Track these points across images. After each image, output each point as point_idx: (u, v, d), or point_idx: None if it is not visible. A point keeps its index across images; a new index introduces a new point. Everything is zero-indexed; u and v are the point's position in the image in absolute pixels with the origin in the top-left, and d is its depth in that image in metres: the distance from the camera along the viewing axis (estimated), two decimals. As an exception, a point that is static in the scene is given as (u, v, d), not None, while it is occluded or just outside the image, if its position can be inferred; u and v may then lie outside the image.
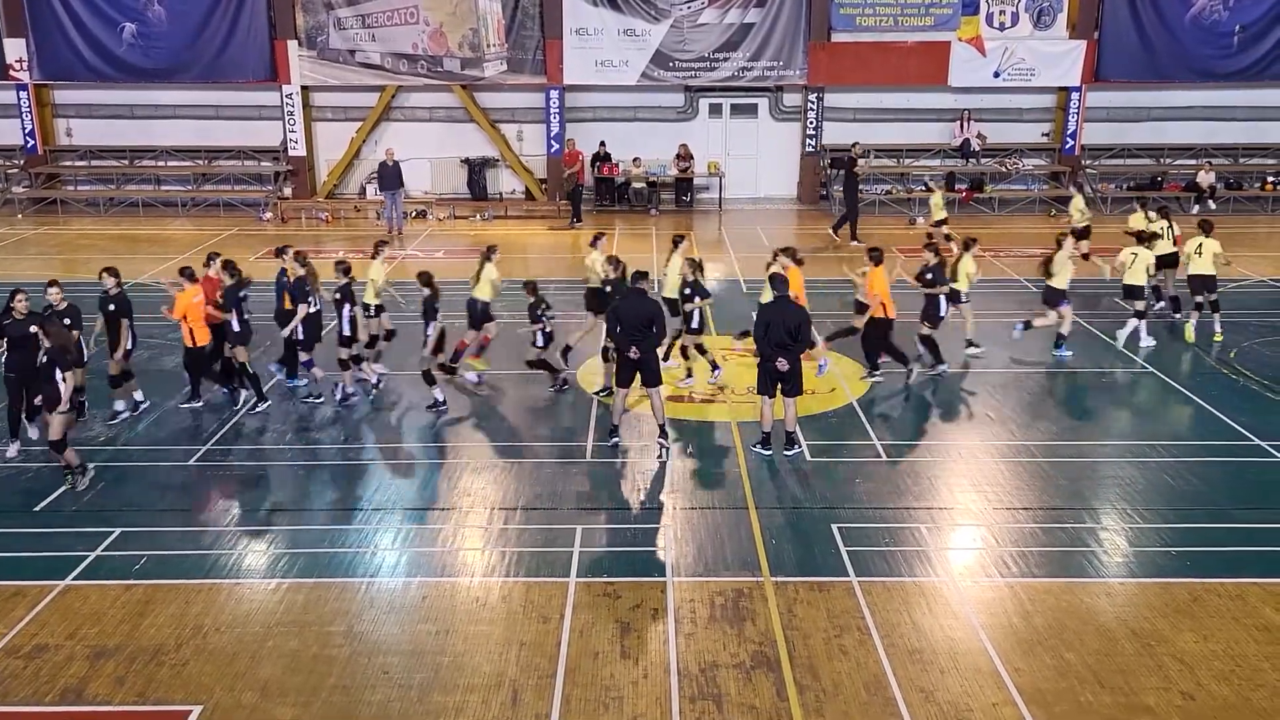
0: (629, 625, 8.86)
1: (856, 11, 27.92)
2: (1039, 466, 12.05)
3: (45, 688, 8.09)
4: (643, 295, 12.34)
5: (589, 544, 10.27)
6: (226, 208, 28.73)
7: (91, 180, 29.63)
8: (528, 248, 24.69)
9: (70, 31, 27.93)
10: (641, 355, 12.04)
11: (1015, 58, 27.95)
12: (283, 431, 13.24)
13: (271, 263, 22.86)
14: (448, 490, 11.59)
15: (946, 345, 15.19)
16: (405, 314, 16.17)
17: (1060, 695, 7.97)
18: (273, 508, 11.21)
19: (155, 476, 11.91)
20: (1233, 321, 17.51)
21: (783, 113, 29.41)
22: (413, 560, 10.07)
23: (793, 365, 11.84)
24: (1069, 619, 8.96)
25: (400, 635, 8.80)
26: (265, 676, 8.21)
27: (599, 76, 28.19)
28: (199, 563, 9.94)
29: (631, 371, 12.20)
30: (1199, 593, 9.36)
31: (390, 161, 25.78)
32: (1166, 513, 10.90)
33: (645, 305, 12.20)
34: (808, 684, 8.08)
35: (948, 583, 9.56)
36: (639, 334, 11.96)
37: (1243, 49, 28.01)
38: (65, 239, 25.07)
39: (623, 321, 12.01)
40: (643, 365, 12.14)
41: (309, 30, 27.93)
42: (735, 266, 22.17)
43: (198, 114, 29.05)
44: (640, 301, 12.21)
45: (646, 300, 12.34)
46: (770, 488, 11.48)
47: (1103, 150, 29.37)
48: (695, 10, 27.80)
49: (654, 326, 12.06)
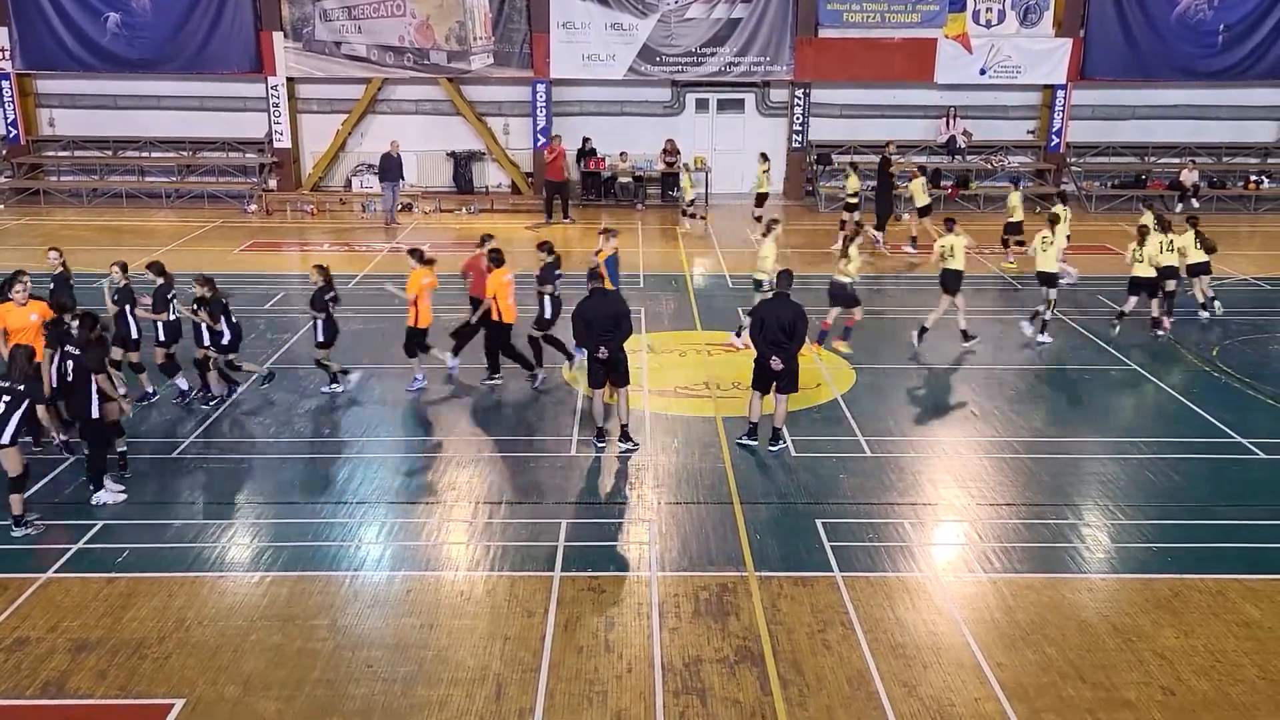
0: (613, 620, 8.87)
1: (844, 7, 27.92)
2: (1022, 462, 12.11)
3: (26, 681, 8.05)
4: (606, 294, 12.21)
5: (574, 538, 10.28)
6: (211, 199, 28.54)
7: (75, 171, 29.37)
8: (512, 241, 24.61)
9: (53, 21, 27.67)
10: (610, 355, 11.96)
11: (1001, 55, 28.02)
12: (267, 425, 13.20)
13: (256, 256, 22.79)
14: (432, 484, 11.57)
15: (940, 341, 15.24)
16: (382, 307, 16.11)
17: (1042, 690, 8.02)
18: (256, 501, 11.17)
19: (138, 469, 11.83)
20: (1214, 319, 17.63)
21: (769, 108, 29.42)
22: (397, 554, 10.05)
23: (787, 363, 11.86)
24: (1051, 614, 9.02)
25: (384, 629, 8.79)
26: (248, 670, 8.18)
27: (586, 71, 28.11)
28: (182, 556, 9.90)
29: (603, 372, 12.14)
30: (1180, 588, 9.43)
31: (395, 154, 25.84)
32: (1148, 509, 10.97)
33: (611, 304, 12.09)
34: (791, 679, 8.11)
35: (931, 578, 9.61)
36: (607, 334, 11.90)
37: (1227, 48, 28.13)
38: (48, 230, 24.87)
39: (589, 322, 11.93)
40: (612, 365, 12.07)
41: (294, 22, 27.77)
42: (721, 261, 22.18)
43: (182, 105, 28.81)
44: (605, 300, 12.09)
45: (611, 299, 12.23)
46: (755, 483, 11.50)
47: (1088, 148, 29.49)
48: (682, 5, 27.76)
49: (620, 325, 11.98)
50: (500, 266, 13.95)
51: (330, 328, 13.91)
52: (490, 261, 14.06)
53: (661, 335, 16.35)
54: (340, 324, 14.30)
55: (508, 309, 13.96)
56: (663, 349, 15.85)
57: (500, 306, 13.90)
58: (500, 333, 14.13)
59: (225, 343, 13.55)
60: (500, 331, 14.13)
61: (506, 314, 13.98)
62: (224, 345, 13.57)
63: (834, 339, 15.72)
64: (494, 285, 13.90)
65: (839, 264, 15.67)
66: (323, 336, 13.89)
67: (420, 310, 13.95)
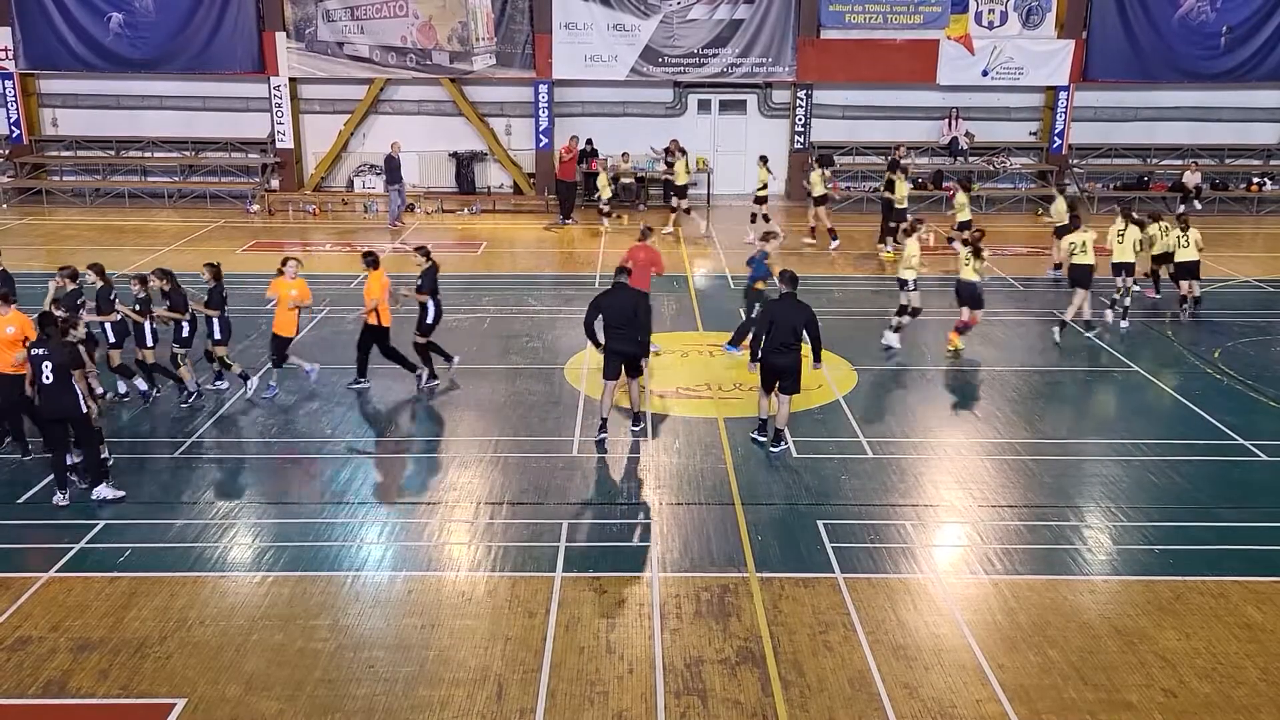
0: (614, 621, 8.87)
1: (846, 8, 27.93)
2: (1024, 464, 12.11)
3: (28, 680, 8.06)
4: (625, 289, 12.45)
5: (575, 539, 10.28)
6: (213, 199, 28.57)
7: (77, 171, 29.40)
8: (515, 242, 24.66)
9: (56, 20, 27.72)
10: (626, 348, 12.26)
11: (1004, 56, 28.02)
12: (268, 425, 13.20)
13: (255, 256, 22.80)
14: (434, 484, 11.58)
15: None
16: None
17: (1043, 692, 8.01)
18: (258, 501, 11.18)
19: (140, 468, 11.85)
20: (1217, 321, 17.66)
21: (771, 109, 29.42)
22: (398, 554, 10.05)
23: (791, 364, 11.97)
24: (1053, 616, 9.01)
25: (386, 629, 8.79)
26: (250, 670, 8.19)
27: (588, 71, 28.12)
28: (183, 555, 9.91)
29: (618, 364, 12.31)
30: (1181, 590, 9.43)
31: (396, 155, 25.98)
32: (1150, 511, 10.96)
33: (628, 298, 12.35)
34: (792, 679, 8.11)
35: (933, 579, 9.60)
36: (620, 328, 12.16)
37: (1229, 50, 28.12)
38: (50, 229, 24.90)
39: (605, 315, 12.16)
40: (631, 357, 12.39)
41: (297, 22, 27.79)
42: (724, 262, 22.18)
43: (185, 105, 28.86)
44: (623, 294, 12.37)
45: (629, 293, 12.47)
46: (756, 484, 11.50)
47: (1090, 150, 29.48)
48: (685, 6, 27.77)
49: (636, 318, 12.23)
50: (376, 269, 13.95)
51: (226, 326, 13.98)
52: (366, 264, 14.03)
53: (663, 336, 16.34)
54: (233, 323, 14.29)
55: (384, 311, 13.98)
56: (665, 349, 15.84)
57: (379, 309, 13.88)
58: (377, 335, 14.10)
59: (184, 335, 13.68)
60: (377, 334, 14.09)
61: (384, 317, 13.99)
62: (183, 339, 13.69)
63: (950, 333, 16.01)
64: (374, 287, 13.85)
65: (964, 265, 15.77)
66: (220, 334, 13.93)
67: (382, 312, 13.90)
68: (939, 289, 18.24)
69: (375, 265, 14.03)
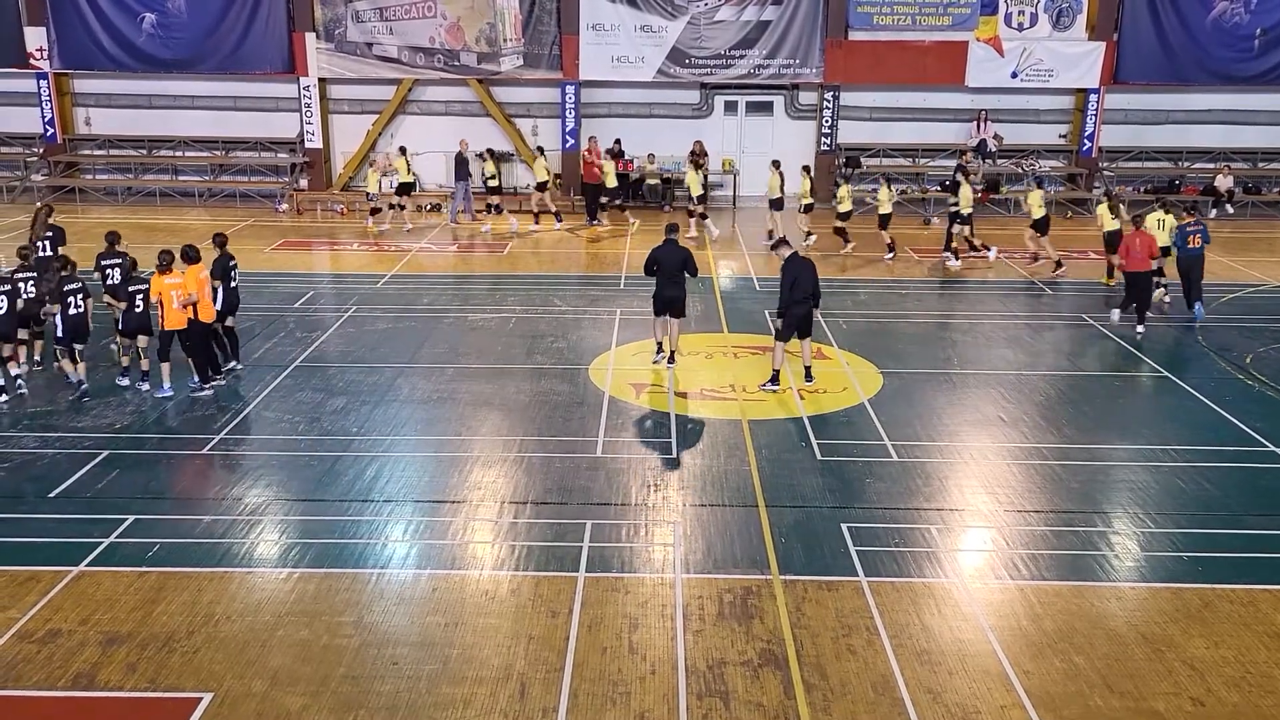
0: (637, 621, 8.88)
1: (874, 10, 27.83)
2: (1050, 469, 12.02)
3: (58, 673, 8.15)
4: (674, 244, 14.99)
5: (598, 539, 10.30)
6: (243, 198, 28.83)
7: (109, 169, 29.78)
8: (540, 242, 24.72)
9: (90, 21, 28.09)
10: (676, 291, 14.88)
11: (1033, 58, 27.83)
12: (295, 422, 13.30)
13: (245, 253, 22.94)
14: (458, 483, 11.63)
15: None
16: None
17: (1069, 699, 7.95)
18: (284, 497, 11.26)
19: (169, 464, 11.99)
20: (1248, 326, 17.47)
21: (798, 111, 29.36)
22: (423, 552, 10.10)
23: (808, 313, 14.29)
24: (1079, 622, 8.94)
25: (410, 627, 8.84)
26: (275, 665, 8.25)
27: (615, 72, 28.18)
28: (211, 551, 10.00)
29: (665, 303, 14.91)
30: (1210, 598, 9.33)
31: (465, 153, 26.18)
32: (1178, 517, 10.85)
33: (680, 251, 15.02)
34: (815, 683, 8.08)
35: (957, 584, 9.55)
36: (677, 273, 14.84)
37: (1263, 52, 27.80)
38: (83, 227, 25.14)
39: (661, 264, 14.86)
40: (675, 301, 14.92)
41: (327, 23, 28.02)
42: (749, 264, 22.15)
43: (215, 105, 29.18)
44: (675, 249, 14.98)
45: (679, 247, 15.07)
46: (780, 486, 11.47)
47: (1120, 153, 29.23)
48: (712, 7, 27.76)
49: (687, 266, 14.93)
50: (196, 263, 13.87)
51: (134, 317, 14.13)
52: (184, 260, 13.81)
53: (688, 337, 16.34)
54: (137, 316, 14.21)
55: (206, 306, 13.99)
56: (689, 351, 15.85)
57: (200, 304, 13.85)
58: (197, 330, 14.01)
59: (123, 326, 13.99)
60: (198, 329, 14.01)
61: (204, 312, 13.95)
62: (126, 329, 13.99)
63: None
64: (191, 282, 13.73)
65: (1108, 219, 18.55)
66: (124, 326, 14.09)
67: (202, 307, 13.84)
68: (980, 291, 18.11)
69: (196, 260, 13.78)
